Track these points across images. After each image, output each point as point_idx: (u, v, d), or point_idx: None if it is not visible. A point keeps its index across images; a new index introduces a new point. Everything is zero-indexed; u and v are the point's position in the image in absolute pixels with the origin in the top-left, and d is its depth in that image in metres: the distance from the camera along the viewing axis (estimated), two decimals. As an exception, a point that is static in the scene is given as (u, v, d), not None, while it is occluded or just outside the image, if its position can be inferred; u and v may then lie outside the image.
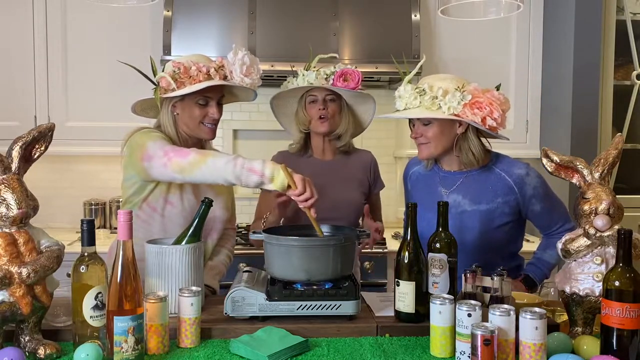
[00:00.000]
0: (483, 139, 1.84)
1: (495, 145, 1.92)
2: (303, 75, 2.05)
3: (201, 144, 1.91)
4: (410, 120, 1.84)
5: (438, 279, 1.50)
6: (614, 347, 1.24)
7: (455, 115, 1.70)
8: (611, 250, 1.37)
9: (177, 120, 1.82)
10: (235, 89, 1.90)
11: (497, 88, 1.77)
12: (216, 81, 1.75)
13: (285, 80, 2.11)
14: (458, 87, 1.71)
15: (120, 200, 1.94)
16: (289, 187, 1.58)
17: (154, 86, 1.79)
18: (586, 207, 1.39)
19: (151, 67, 1.82)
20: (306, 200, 1.58)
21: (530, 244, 2.77)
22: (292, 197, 1.60)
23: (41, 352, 1.30)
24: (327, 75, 2.04)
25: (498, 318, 1.25)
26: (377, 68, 2.92)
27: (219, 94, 1.83)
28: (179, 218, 1.77)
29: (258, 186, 1.59)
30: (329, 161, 2.14)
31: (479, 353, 1.20)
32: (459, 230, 1.74)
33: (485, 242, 1.80)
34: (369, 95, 2.11)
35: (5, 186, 1.28)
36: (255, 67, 1.81)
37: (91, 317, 1.29)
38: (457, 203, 1.81)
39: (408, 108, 1.76)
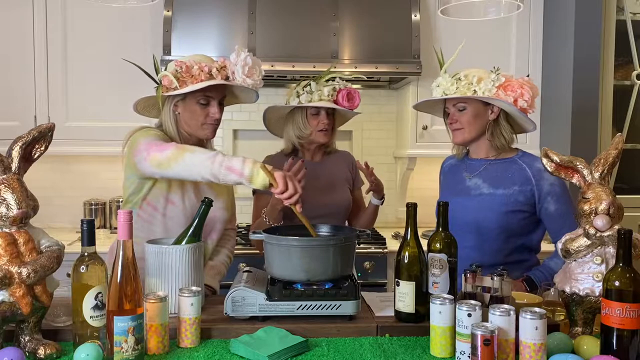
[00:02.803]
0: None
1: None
2: (319, 91, 2.15)
3: (202, 143, 1.91)
4: (445, 109, 1.96)
5: (438, 279, 1.50)
6: (614, 347, 1.24)
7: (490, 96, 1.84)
8: (611, 250, 1.37)
9: (178, 119, 1.83)
10: (237, 90, 1.90)
11: (527, 76, 1.94)
12: (218, 80, 1.76)
13: (285, 79, 2.12)
14: (493, 69, 1.86)
15: (121, 200, 1.95)
16: (271, 185, 1.55)
17: (156, 85, 1.79)
18: (586, 207, 1.39)
19: (154, 65, 1.82)
20: (290, 196, 1.55)
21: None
22: (276, 195, 1.59)
23: (41, 352, 1.30)
24: (333, 91, 2.17)
25: (498, 318, 1.25)
26: (377, 68, 2.92)
27: (221, 94, 1.83)
28: (180, 217, 1.77)
29: (237, 184, 1.59)
30: (318, 163, 2.27)
31: (479, 353, 1.20)
32: (476, 210, 1.89)
33: (498, 223, 1.86)
34: (356, 112, 2.27)
35: (5, 186, 1.28)
36: (257, 68, 1.82)
37: (91, 317, 1.29)
38: (477, 186, 1.93)
39: (446, 94, 1.89)
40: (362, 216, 2.33)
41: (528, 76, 1.94)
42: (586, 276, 1.39)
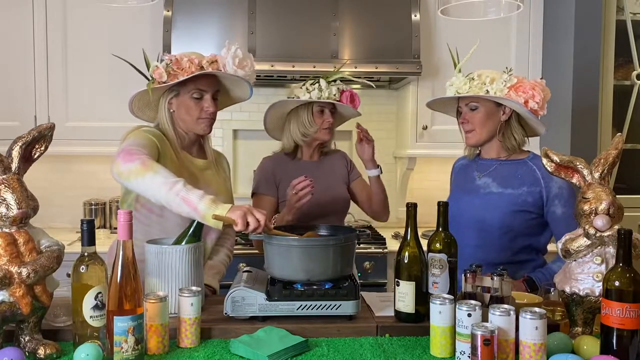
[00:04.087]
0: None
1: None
2: (328, 89, 2.19)
3: (200, 141, 1.92)
4: (458, 108, 1.99)
5: (438, 279, 1.50)
6: (614, 347, 1.24)
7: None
8: (611, 250, 1.37)
9: (174, 117, 1.83)
10: (230, 84, 1.90)
11: (541, 78, 1.96)
12: (209, 70, 1.77)
13: (285, 79, 2.12)
14: (505, 70, 1.88)
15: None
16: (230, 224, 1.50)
17: (148, 80, 1.80)
18: (586, 207, 1.39)
19: (144, 60, 1.82)
20: (254, 230, 1.48)
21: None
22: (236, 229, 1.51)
23: (41, 352, 1.30)
24: (337, 91, 2.23)
25: (498, 318, 1.25)
26: (377, 68, 2.92)
27: (214, 88, 1.83)
28: (177, 217, 1.75)
29: (189, 216, 1.53)
30: (316, 162, 2.32)
31: (479, 353, 1.20)
32: (483, 208, 1.91)
33: (504, 223, 1.87)
34: (359, 113, 2.32)
35: (5, 186, 1.28)
36: (248, 60, 1.83)
37: (91, 317, 1.29)
38: (486, 185, 1.94)
39: (459, 93, 1.91)
40: (373, 197, 2.35)
41: (542, 79, 1.95)
42: (586, 276, 1.39)
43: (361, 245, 2.81)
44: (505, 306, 1.28)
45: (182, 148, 1.85)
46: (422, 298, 1.49)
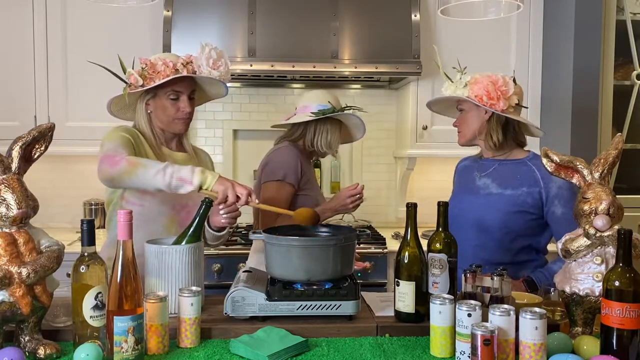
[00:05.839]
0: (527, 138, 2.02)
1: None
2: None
3: (179, 138, 1.95)
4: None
5: (438, 279, 1.50)
6: (614, 347, 1.24)
7: (467, 96, 1.89)
8: (611, 250, 1.37)
9: (151, 117, 1.88)
10: (206, 85, 1.94)
11: (514, 80, 1.91)
12: (182, 74, 1.80)
13: (285, 79, 2.08)
14: (459, 69, 1.92)
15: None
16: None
17: (126, 84, 1.84)
18: (586, 207, 1.39)
19: (120, 65, 1.85)
20: (232, 204, 1.64)
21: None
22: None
23: (41, 352, 1.30)
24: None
25: (498, 318, 1.25)
26: (377, 68, 2.92)
27: (189, 89, 1.87)
28: (160, 206, 1.81)
29: (188, 192, 1.62)
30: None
31: (479, 353, 1.20)
32: (483, 209, 1.92)
33: (504, 223, 1.88)
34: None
35: (5, 186, 1.28)
36: (222, 60, 1.86)
37: (91, 317, 1.29)
38: (486, 185, 1.96)
39: (444, 95, 1.98)
40: None
41: (512, 77, 1.91)
42: (586, 276, 1.39)
43: (361, 245, 2.81)
44: (505, 306, 1.28)
45: (161, 144, 1.90)
46: (422, 298, 1.49)
